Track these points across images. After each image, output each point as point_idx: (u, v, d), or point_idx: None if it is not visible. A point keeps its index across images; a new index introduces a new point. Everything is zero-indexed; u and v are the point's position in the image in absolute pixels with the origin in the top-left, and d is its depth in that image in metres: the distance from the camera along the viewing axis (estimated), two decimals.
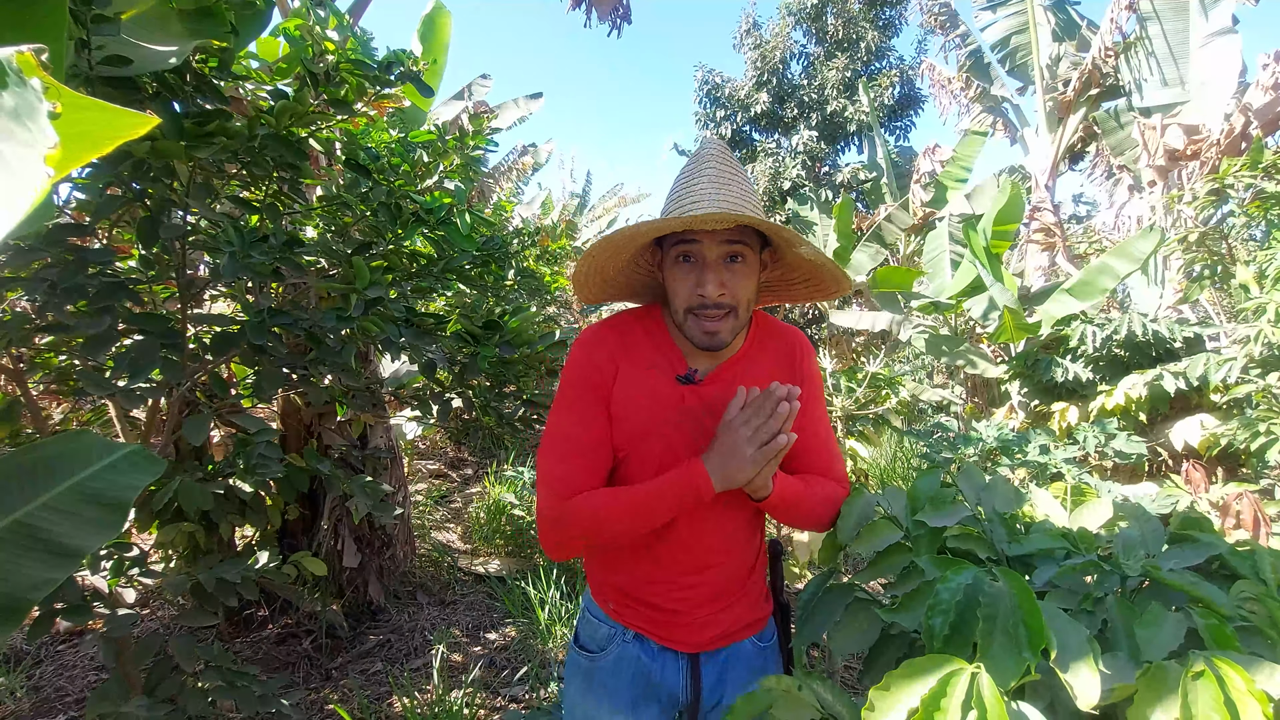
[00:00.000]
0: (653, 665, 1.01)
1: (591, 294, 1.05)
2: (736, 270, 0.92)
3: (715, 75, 10.77)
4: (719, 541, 1.00)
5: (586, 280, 1.01)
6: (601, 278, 1.02)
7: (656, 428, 0.96)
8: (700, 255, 0.91)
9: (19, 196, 0.38)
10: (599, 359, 0.98)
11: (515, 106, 7.51)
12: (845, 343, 7.67)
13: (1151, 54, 6.14)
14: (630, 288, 1.09)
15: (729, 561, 1.01)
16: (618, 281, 1.06)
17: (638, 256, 1.03)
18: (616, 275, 1.04)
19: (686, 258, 0.92)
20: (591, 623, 1.08)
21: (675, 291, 0.94)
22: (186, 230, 1.72)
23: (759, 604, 1.07)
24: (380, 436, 2.99)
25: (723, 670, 1.02)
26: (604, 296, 1.08)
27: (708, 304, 0.90)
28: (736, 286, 0.91)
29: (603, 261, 0.98)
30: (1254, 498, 2.48)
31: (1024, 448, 3.09)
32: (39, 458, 0.95)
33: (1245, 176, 3.91)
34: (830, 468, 1.05)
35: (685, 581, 1.00)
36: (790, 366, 1.05)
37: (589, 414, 0.97)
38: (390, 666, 2.56)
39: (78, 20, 1.20)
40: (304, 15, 1.75)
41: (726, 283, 0.91)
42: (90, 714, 1.41)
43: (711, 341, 0.92)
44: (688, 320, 0.93)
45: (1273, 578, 0.81)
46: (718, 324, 0.91)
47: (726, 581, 1.01)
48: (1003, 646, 0.64)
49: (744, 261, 0.92)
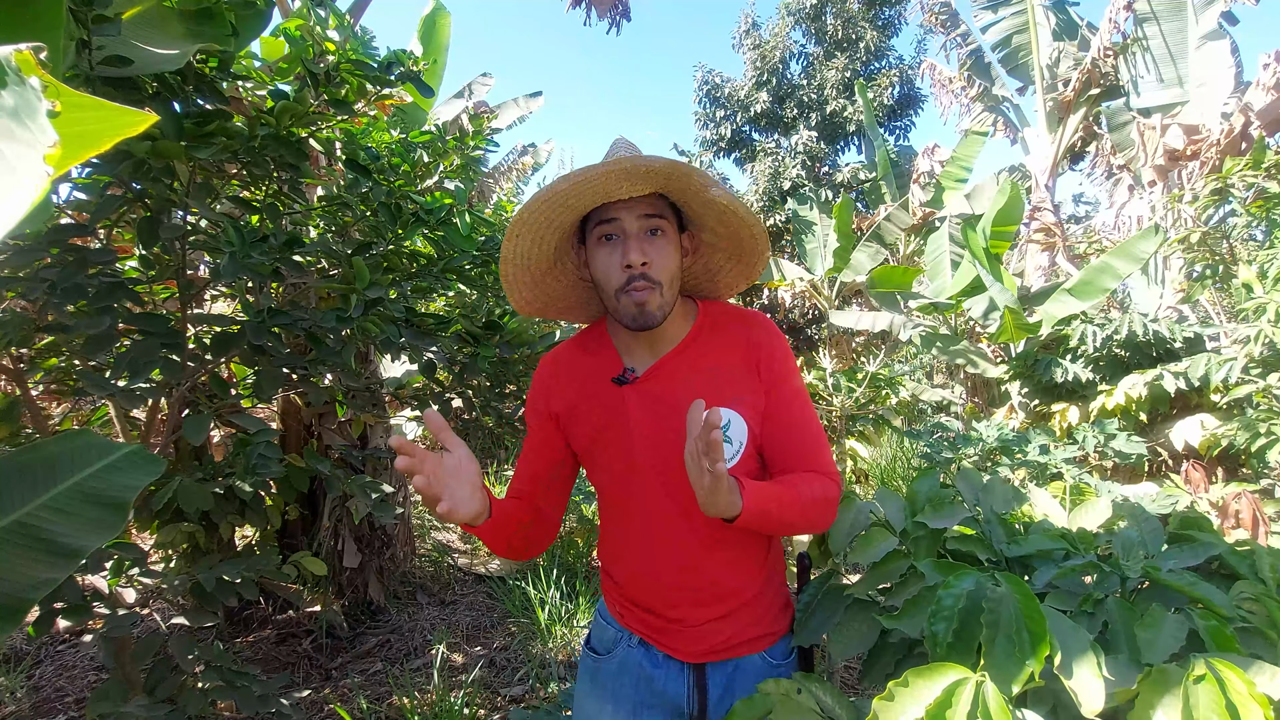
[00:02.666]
0: (655, 672, 1.00)
1: (524, 299, 1.04)
2: (657, 243, 0.93)
3: (715, 75, 10.77)
4: (707, 546, 0.97)
5: (515, 280, 1.01)
6: (530, 277, 1.01)
7: (602, 433, 0.99)
8: (620, 230, 0.92)
9: (19, 195, 0.38)
10: (543, 381, 1.06)
11: (515, 106, 7.51)
12: (845, 343, 7.67)
13: (1150, 54, 6.14)
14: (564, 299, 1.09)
15: (719, 566, 0.98)
16: (547, 286, 1.05)
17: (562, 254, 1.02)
18: (544, 276, 1.03)
19: (608, 237, 0.93)
20: (601, 625, 1.08)
21: (604, 275, 0.94)
22: (186, 230, 1.72)
23: (771, 618, 1.02)
24: (380, 436, 2.99)
25: (729, 683, 0.99)
26: (540, 304, 1.07)
27: (634, 275, 0.90)
28: (658, 258, 0.92)
29: (526, 248, 0.97)
30: (1253, 498, 2.48)
31: (1024, 448, 3.09)
32: (39, 458, 0.95)
33: (1248, 176, 3.91)
34: (814, 457, 0.96)
35: (673, 584, 0.98)
36: (747, 351, 0.99)
37: (534, 438, 1.06)
38: (390, 666, 2.56)
39: (78, 20, 1.20)
40: (304, 15, 1.75)
41: (648, 253, 0.91)
42: (90, 714, 1.41)
43: (641, 315, 0.91)
44: (619, 301, 0.92)
45: (1272, 578, 0.81)
46: (644, 294, 0.91)
47: (718, 589, 0.98)
48: (1006, 652, 0.64)
49: (664, 235, 0.93)
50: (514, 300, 1.04)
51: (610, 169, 0.85)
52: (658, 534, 0.98)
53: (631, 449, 0.96)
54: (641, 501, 0.98)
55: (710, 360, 0.99)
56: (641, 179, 0.88)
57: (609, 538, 1.06)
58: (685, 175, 0.89)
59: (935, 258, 5.78)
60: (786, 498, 0.88)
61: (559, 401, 1.03)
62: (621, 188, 0.88)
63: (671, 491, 0.95)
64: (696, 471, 0.79)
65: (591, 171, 0.86)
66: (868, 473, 5.09)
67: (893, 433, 5.04)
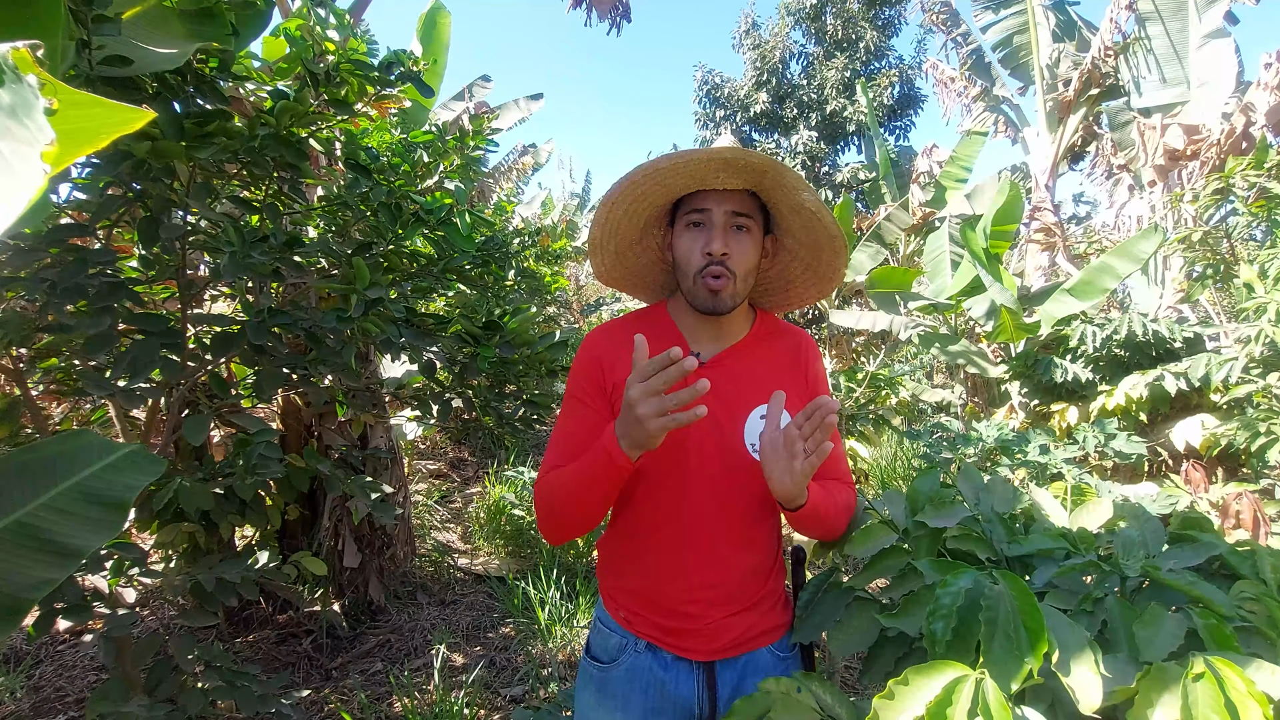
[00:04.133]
0: (665, 676, 0.99)
1: (605, 266, 1.09)
2: (741, 237, 0.97)
3: (715, 75, 10.78)
4: (739, 545, 0.99)
5: (602, 246, 1.05)
6: (615, 246, 1.06)
7: None
8: (709, 220, 0.96)
9: (17, 193, 0.38)
10: (597, 355, 1.03)
11: (516, 107, 7.51)
12: (845, 343, 7.67)
13: (1151, 53, 6.14)
14: (641, 276, 1.13)
15: (747, 565, 1.00)
16: (629, 259, 1.09)
17: (649, 230, 1.07)
18: (629, 249, 1.07)
19: (697, 224, 0.98)
20: (603, 632, 1.06)
21: (685, 257, 0.98)
22: (186, 230, 1.73)
23: (775, 611, 1.05)
24: (380, 436, 2.99)
25: (740, 680, 1.00)
26: (617, 275, 1.11)
27: (714, 261, 0.94)
28: (740, 251, 0.96)
29: (618, 218, 1.01)
30: (1254, 498, 2.48)
31: (1024, 448, 3.09)
32: (39, 458, 0.95)
33: (1250, 176, 3.91)
34: (837, 468, 1.06)
35: (702, 581, 0.98)
36: (794, 365, 1.06)
37: (581, 410, 1.02)
38: (390, 666, 2.56)
39: (78, 20, 1.20)
40: (304, 15, 1.76)
41: (731, 246, 0.95)
42: (90, 714, 1.41)
43: (715, 301, 0.96)
44: (696, 284, 0.97)
45: (1272, 577, 0.81)
46: (721, 282, 0.95)
47: (742, 586, 1.00)
48: (1004, 650, 0.64)
49: (748, 233, 0.98)
50: (595, 265, 1.09)
51: (712, 156, 0.90)
52: (693, 528, 0.98)
53: (684, 436, 0.96)
54: (681, 493, 0.98)
55: (768, 363, 1.04)
56: (739, 171, 0.93)
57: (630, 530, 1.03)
58: (780, 173, 0.94)
59: (935, 258, 5.77)
60: (829, 501, 0.97)
61: (617, 373, 1.01)
62: (718, 177, 0.93)
63: (715, 486, 0.98)
64: (785, 455, 0.85)
65: (694, 155, 0.91)
66: (868, 473, 5.09)
67: (893, 433, 5.04)
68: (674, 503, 0.98)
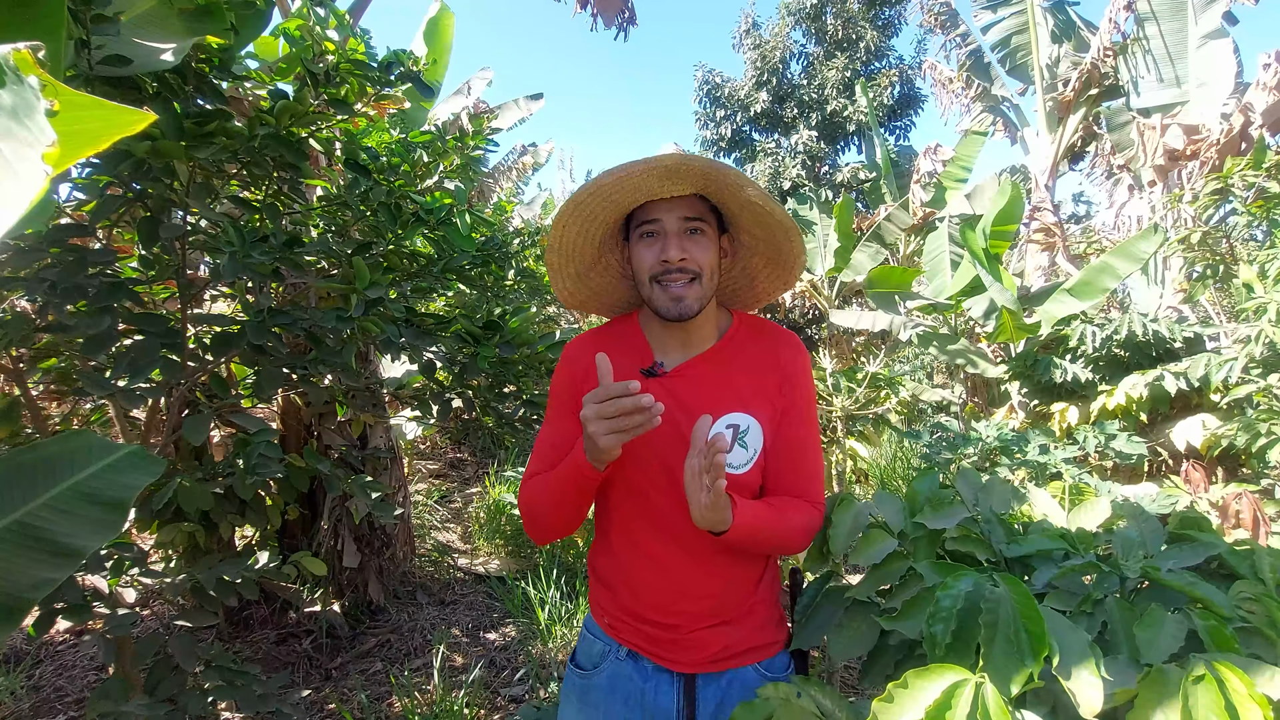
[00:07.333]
0: (645, 686, 0.99)
1: (568, 289, 1.09)
2: (697, 240, 0.97)
3: (715, 75, 10.77)
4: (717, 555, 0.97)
5: (560, 270, 1.05)
6: (575, 268, 1.06)
7: None
8: (661, 229, 0.96)
9: (18, 194, 0.38)
10: (572, 370, 1.04)
11: (516, 107, 7.50)
12: (845, 343, 7.66)
13: (1150, 54, 6.14)
14: (607, 294, 1.13)
15: (728, 577, 0.98)
16: (591, 280, 1.09)
17: (607, 249, 1.07)
18: (589, 270, 1.07)
19: (651, 234, 0.97)
20: (588, 639, 1.07)
21: (640, 266, 0.98)
22: (186, 230, 1.72)
23: (765, 628, 1.02)
24: (380, 436, 2.99)
25: (723, 697, 0.98)
26: (582, 297, 1.11)
27: (671, 268, 0.94)
28: (697, 253, 0.96)
29: (572, 240, 1.01)
30: (1253, 498, 2.48)
31: (1024, 448, 3.09)
32: (39, 458, 0.95)
33: (1249, 176, 3.91)
34: (807, 488, 1.00)
35: (682, 592, 0.97)
36: (771, 367, 1.02)
37: (559, 420, 1.04)
38: (390, 666, 2.56)
39: (78, 20, 1.20)
40: (304, 15, 1.75)
41: (688, 249, 0.95)
42: (90, 714, 1.41)
43: (678, 308, 0.94)
44: (654, 291, 0.96)
45: (1271, 577, 0.81)
46: (683, 289, 0.94)
47: (724, 598, 0.98)
48: (1005, 653, 0.64)
49: (703, 234, 0.97)
50: (557, 290, 1.09)
51: (652, 166, 0.90)
52: (671, 534, 0.97)
53: (650, 444, 0.95)
54: (656, 500, 0.97)
55: (738, 368, 1.02)
56: (682, 178, 0.92)
57: (613, 539, 1.04)
58: (723, 174, 0.92)
59: (935, 258, 5.77)
60: (774, 523, 0.93)
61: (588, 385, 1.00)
62: (663, 186, 0.93)
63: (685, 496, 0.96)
64: (695, 485, 0.82)
65: (634, 167, 0.90)
66: (868, 473, 5.09)
67: (892, 433, 5.04)
68: (651, 513, 0.99)
